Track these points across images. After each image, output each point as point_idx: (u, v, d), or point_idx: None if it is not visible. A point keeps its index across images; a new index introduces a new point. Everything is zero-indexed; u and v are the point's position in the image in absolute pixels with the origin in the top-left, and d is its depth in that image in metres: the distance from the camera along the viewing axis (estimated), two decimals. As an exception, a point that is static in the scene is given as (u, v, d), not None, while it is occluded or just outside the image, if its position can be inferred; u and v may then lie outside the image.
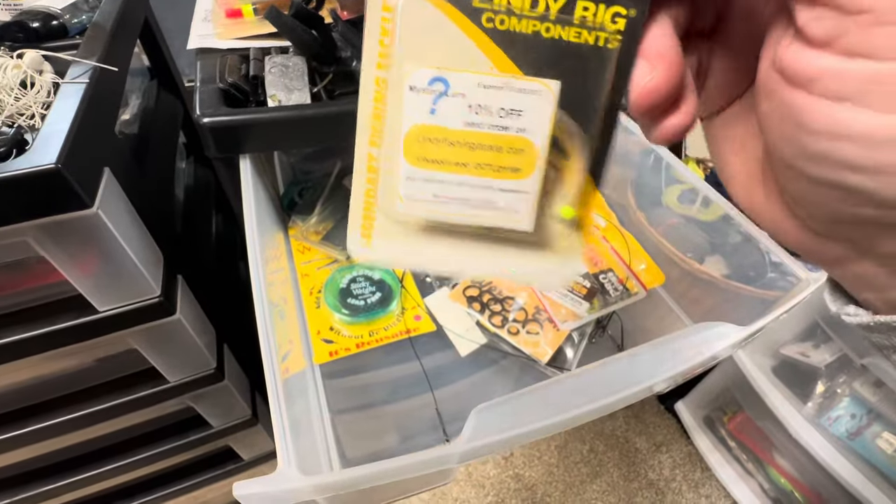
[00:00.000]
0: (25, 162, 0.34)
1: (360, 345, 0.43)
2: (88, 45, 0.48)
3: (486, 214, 0.17)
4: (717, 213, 0.47)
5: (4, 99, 0.42)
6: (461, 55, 0.16)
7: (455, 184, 0.17)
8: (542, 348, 0.42)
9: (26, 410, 0.52)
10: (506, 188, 0.17)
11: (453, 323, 0.45)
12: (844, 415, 0.83)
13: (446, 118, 0.16)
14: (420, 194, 0.17)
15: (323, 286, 0.47)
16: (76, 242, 0.39)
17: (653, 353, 0.30)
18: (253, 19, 0.53)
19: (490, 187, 0.17)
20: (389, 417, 0.41)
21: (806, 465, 0.89)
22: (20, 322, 0.43)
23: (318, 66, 0.48)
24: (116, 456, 0.63)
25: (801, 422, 0.86)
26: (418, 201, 0.17)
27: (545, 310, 0.45)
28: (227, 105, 0.43)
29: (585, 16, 0.15)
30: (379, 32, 0.16)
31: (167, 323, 0.48)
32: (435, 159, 0.17)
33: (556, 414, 0.27)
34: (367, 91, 0.16)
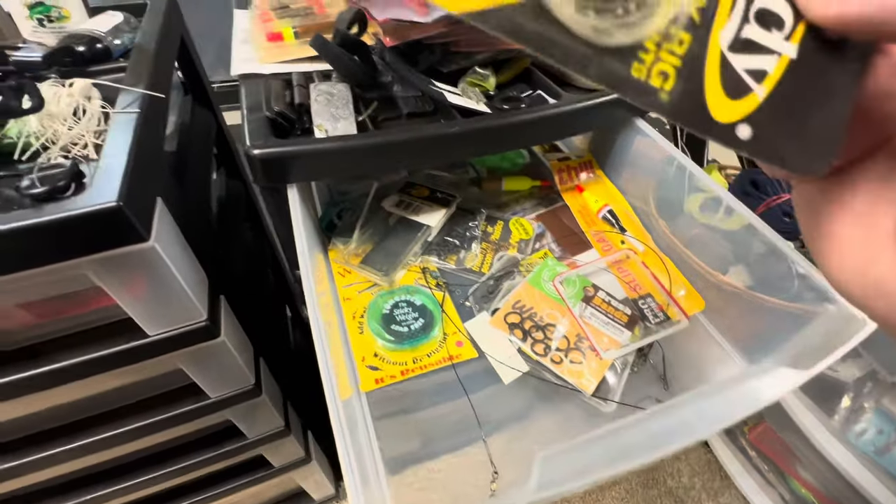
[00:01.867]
0: (87, 200, 0.35)
1: (405, 372, 0.44)
2: (135, 71, 0.49)
3: None
4: (741, 223, 0.47)
5: (59, 129, 0.43)
6: None
7: None
8: (587, 379, 0.42)
9: (76, 425, 0.53)
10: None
11: (495, 350, 0.46)
12: (871, 430, 0.83)
13: None
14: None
15: (365, 311, 0.47)
16: (131, 273, 0.40)
17: (710, 402, 0.31)
18: (294, 42, 0.54)
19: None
20: (429, 473, 0.41)
21: (830, 479, 0.88)
22: (74, 346, 0.45)
23: (362, 92, 0.49)
24: (155, 465, 0.65)
25: (827, 435, 0.86)
26: None
27: (587, 337, 0.45)
28: (274, 133, 0.43)
29: None
30: None
31: (212, 345, 0.49)
32: None
33: (618, 463, 0.27)
34: None
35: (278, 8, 0.58)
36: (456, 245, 0.54)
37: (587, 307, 0.47)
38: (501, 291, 0.50)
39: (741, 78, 0.14)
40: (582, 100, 0.49)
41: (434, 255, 0.53)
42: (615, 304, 0.48)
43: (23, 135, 0.42)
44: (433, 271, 0.52)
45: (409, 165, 0.54)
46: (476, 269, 0.53)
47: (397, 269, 0.50)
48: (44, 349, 0.45)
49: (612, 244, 0.55)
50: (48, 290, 0.40)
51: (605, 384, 0.44)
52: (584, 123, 0.51)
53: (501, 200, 0.61)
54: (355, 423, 0.40)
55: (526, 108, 0.48)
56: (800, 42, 0.14)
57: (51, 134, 0.43)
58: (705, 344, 0.49)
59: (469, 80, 0.50)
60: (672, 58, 0.13)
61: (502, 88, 0.54)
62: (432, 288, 0.50)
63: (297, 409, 0.78)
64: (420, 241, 0.52)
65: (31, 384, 0.44)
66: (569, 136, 0.59)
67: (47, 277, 0.37)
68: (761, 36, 0.14)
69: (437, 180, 0.62)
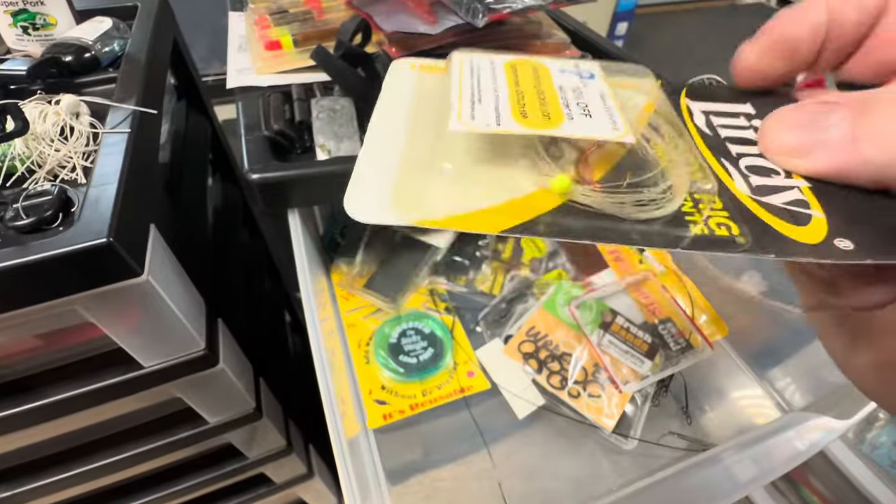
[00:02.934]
0: (75, 235, 0.32)
1: (414, 406, 0.42)
2: (125, 84, 0.46)
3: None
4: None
5: (45, 151, 0.40)
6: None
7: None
8: (607, 414, 0.40)
9: (72, 453, 0.51)
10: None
11: (508, 381, 0.43)
12: (887, 442, 0.81)
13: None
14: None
15: (371, 339, 0.45)
16: (124, 307, 0.38)
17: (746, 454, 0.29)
18: (292, 51, 0.51)
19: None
20: (447, 489, 0.40)
21: (844, 490, 0.87)
22: (66, 378, 0.42)
23: (366, 106, 0.46)
24: (153, 488, 0.63)
25: (840, 446, 0.84)
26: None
27: (605, 368, 0.43)
28: (274, 154, 0.41)
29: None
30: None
31: (211, 373, 0.47)
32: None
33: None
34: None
35: (276, 13, 0.55)
36: (465, 265, 0.52)
37: (605, 334, 0.45)
38: (514, 315, 0.48)
39: (791, 209, 0.14)
40: (599, 114, 0.46)
41: (442, 276, 0.51)
42: (634, 330, 0.46)
43: (7, 157, 0.40)
44: (441, 293, 0.50)
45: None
46: (487, 290, 0.50)
47: (404, 293, 0.48)
48: (34, 382, 0.42)
49: (629, 263, 0.52)
50: (36, 326, 0.38)
51: (625, 418, 0.41)
52: (602, 139, 0.48)
53: (511, 215, 0.59)
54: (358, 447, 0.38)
55: (540, 123, 0.45)
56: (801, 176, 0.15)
57: (37, 156, 0.40)
58: (729, 372, 0.47)
59: (480, 92, 0.47)
60: (719, 213, 0.14)
61: (514, 100, 0.51)
62: (441, 312, 0.48)
63: (298, 424, 0.76)
64: (427, 263, 0.50)
65: (22, 420, 0.42)
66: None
67: (35, 315, 0.35)
68: (769, 181, 0.15)
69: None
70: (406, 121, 0.17)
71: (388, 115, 0.17)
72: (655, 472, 0.31)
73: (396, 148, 0.16)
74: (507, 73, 0.17)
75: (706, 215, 0.14)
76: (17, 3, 0.50)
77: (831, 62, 0.16)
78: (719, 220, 0.14)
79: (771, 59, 0.16)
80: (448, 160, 0.15)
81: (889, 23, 0.14)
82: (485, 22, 0.41)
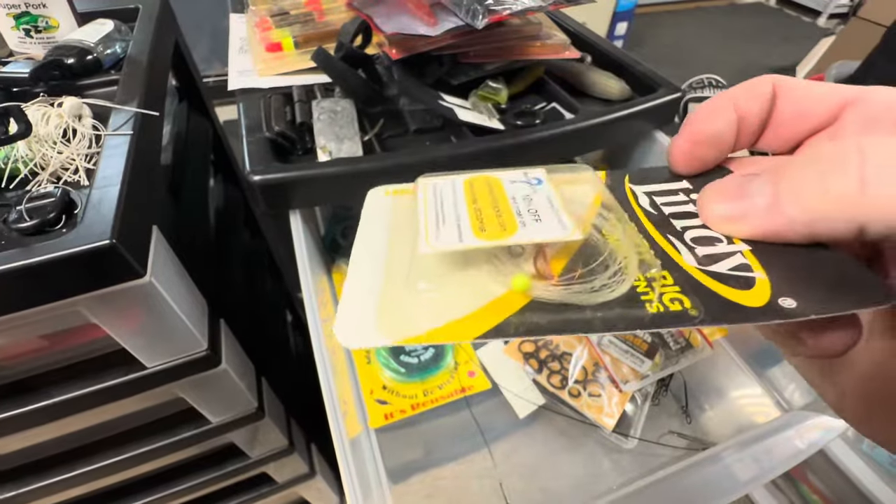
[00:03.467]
0: (78, 237, 0.32)
1: (415, 406, 0.42)
2: (127, 86, 0.46)
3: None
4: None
5: (48, 153, 0.40)
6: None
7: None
8: (607, 414, 0.40)
9: (73, 453, 0.52)
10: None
11: (509, 381, 0.44)
12: (887, 440, 0.81)
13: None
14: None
15: (373, 339, 0.45)
16: (127, 308, 0.38)
17: (747, 453, 0.29)
18: (293, 52, 0.51)
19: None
20: (435, 480, 0.40)
21: (842, 487, 0.87)
22: (68, 379, 0.43)
23: (366, 107, 0.46)
24: (154, 487, 0.63)
25: (840, 444, 0.85)
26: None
27: (606, 368, 0.43)
28: (275, 155, 0.41)
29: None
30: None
31: (213, 373, 0.47)
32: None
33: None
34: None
35: (277, 14, 0.55)
36: (466, 265, 0.52)
37: (605, 334, 0.45)
38: (514, 316, 0.48)
39: (736, 274, 0.15)
40: (600, 114, 0.46)
41: (443, 276, 0.51)
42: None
43: (10, 160, 0.40)
44: (443, 294, 0.50)
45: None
46: (487, 290, 0.51)
47: (406, 293, 0.48)
48: (38, 383, 0.43)
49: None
50: (40, 327, 0.38)
51: (625, 417, 0.42)
52: (603, 139, 0.49)
53: (512, 215, 0.59)
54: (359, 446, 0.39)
55: (541, 123, 0.45)
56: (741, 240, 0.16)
57: (40, 159, 0.40)
58: (729, 371, 0.47)
59: (480, 93, 0.47)
60: (671, 288, 0.15)
61: (514, 100, 0.51)
62: (442, 312, 0.48)
63: (300, 424, 0.76)
64: (429, 263, 0.50)
65: (26, 420, 0.42)
66: (587, 153, 0.56)
67: (39, 316, 0.35)
68: (713, 249, 0.16)
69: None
70: (384, 245, 0.18)
71: (368, 241, 0.19)
72: (656, 470, 0.32)
73: (377, 272, 0.17)
74: (466, 191, 0.18)
75: (659, 293, 0.15)
76: (19, 6, 0.50)
77: (750, 142, 0.18)
78: (672, 296, 0.15)
79: (702, 149, 0.18)
80: (423, 278, 0.16)
81: (783, 105, 0.17)
82: (484, 23, 0.41)
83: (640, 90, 0.51)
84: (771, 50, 2.64)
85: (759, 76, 0.18)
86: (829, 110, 0.16)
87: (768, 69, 2.44)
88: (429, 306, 0.15)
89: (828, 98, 0.17)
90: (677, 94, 0.50)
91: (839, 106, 0.16)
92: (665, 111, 0.50)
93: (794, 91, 0.17)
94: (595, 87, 0.51)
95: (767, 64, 2.49)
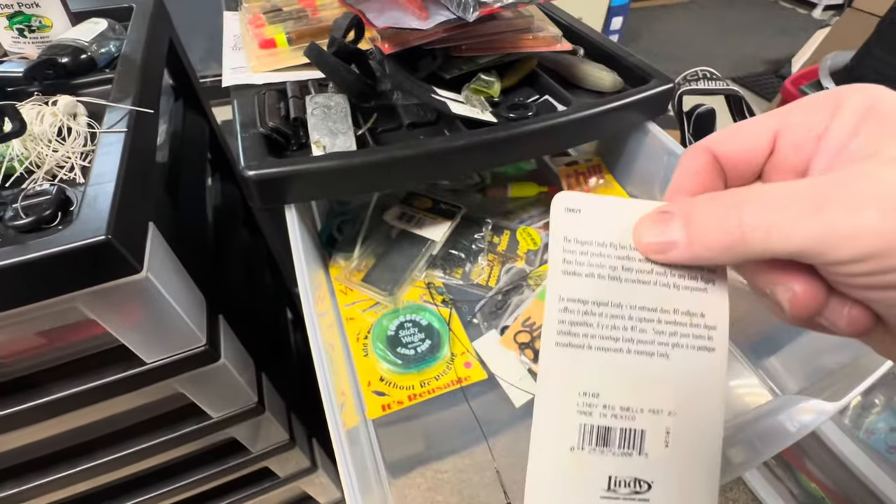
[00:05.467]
0: (74, 233, 0.33)
1: (412, 397, 0.42)
2: (122, 84, 0.46)
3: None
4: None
5: (43, 151, 0.41)
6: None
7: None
8: (601, 402, 0.41)
9: (75, 449, 0.52)
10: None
11: (505, 371, 0.44)
12: (884, 428, 0.82)
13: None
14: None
15: (370, 332, 0.46)
16: (124, 303, 0.38)
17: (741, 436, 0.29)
18: (287, 49, 0.51)
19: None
20: (437, 473, 0.41)
21: (840, 475, 0.88)
22: (68, 375, 0.43)
23: (360, 102, 0.46)
24: (156, 483, 0.64)
25: (837, 432, 0.85)
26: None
27: (600, 357, 0.43)
28: (270, 150, 0.41)
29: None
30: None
31: (212, 368, 0.48)
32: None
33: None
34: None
35: (270, 11, 0.55)
36: (461, 258, 0.52)
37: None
38: (510, 307, 0.49)
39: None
40: (592, 105, 0.47)
41: (439, 269, 0.51)
42: (628, 319, 0.46)
43: (5, 158, 0.40)
44: (438, 287, 0.50)
45: (413, 181, 0.51)
46: (483, 283, 0.51)
47: (401, 286, 0.48)
48: (36, 380, 0.43)
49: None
50: (39, 324, 0.38)
51: (621, 405, 0.42)
52: (596, 131, 0.49)
53: (507, 208, 0.59)
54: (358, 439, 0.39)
55: (533, 116, 0.45)
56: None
57: (35, 157, 0.41)
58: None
59: (473, 87, 0.48)
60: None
61: (507, 94, 0.51)
62: (438, 305, 0.49)
63: (301, 419, 0.77)
64: (424, 257, 0.50)
65: (25, 417, 0.42)
66: (579, 145, 0.56)
67: (35, 313, 0.35)
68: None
69: (439, 188, 0.60)
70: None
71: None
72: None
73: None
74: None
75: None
76: (12, 6, 0.50)
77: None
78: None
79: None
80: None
81: (725, 162, 0.20)
82: (476, 16, 0.41)
83: (632, 82, 0.51)
84: (766, 42, 2.63)
85: (692, 146, 0.20)
86: (767, 144, 0.19)
87: (764, 62, 2.44)
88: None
89: (762, 134, 0.19)
90: (669, 85, 0.50)
91: (769, 142, 0.19)
92: (657, 102, 0.50)
93: (727, 145, 0.20)
94: (587, 79, 0.51)
95: (763, 57, 2.49)
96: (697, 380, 0.19)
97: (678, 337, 0.19)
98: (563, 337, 0.19)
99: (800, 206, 0.15)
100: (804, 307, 0.17)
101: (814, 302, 0.17)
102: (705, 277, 0.20)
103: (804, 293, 0.17)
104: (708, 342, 0.19)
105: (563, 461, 0.19)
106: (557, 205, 0.20)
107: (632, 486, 0.19)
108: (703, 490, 0.19)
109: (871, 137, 0.16)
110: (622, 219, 0.20)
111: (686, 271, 0.19)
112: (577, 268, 0.19)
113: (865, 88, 0.17)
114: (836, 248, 0.14)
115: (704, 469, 0.19)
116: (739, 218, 0.16)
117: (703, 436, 0.19)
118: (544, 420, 0.19)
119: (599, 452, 0.19)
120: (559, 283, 0.19)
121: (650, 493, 0.19)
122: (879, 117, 0.16)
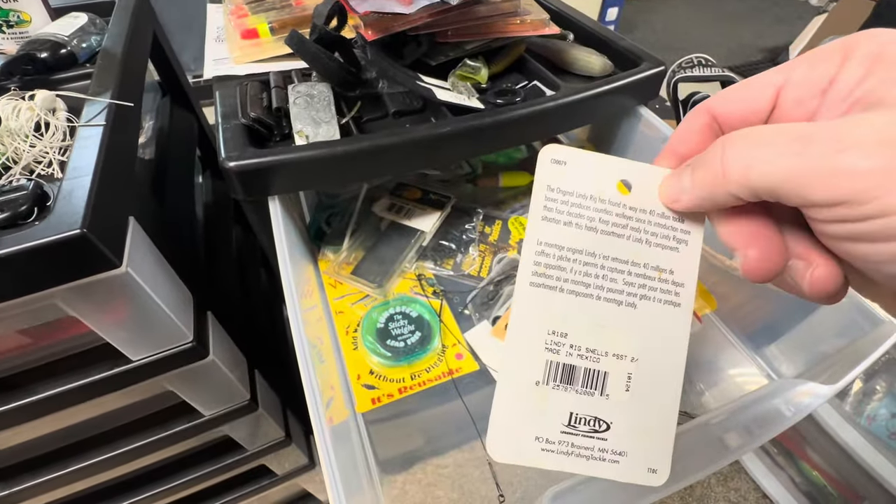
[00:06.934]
0: (48, 228, 0.32)
1: (403, 389, 0.42)
2: (101, 78, 0.46)
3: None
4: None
5: (20, 147, 0.40)
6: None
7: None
8: (595, 391, 0.40)
9: (66, 450, 0.51)
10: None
11: (496, 361, 0.43)
12: (885, 414, 0.81)
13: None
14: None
15: (359, 325, 0.45)
16: (106, 300, 0.37)
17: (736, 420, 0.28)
18: (269, 39, 0.50)
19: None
20: (437, 469, 0.40)
21: (841, 462, 0.87)
22: (53, 374, 0.42)
23: (344, 91, 0.45)
24: (151, 483, 0.63)
25: (838, 419, 0.85)
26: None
27: (594, 345, 0.43)
28: (252, 141, 0.40)
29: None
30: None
31: (201, 365, 0.47)
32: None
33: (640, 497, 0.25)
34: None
35: (253, 1, 0.54)
36: (452, 249, 0.52)
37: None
38: (502, 297, 0.48)
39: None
40: (581, 90, 0.46)
41: (429, 260, 0.51)
42: (622, 307, 0.45)
43: (-19, 155, 0.39)
44: (429, 278, 0.50)
45: (399, 170, 0.50)
46: (474, 273, 0.50)
47: (391, 278, 0.48)
48: (20, 380, 0.42)
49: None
50: (18, 322, 0.38)
51: (615, 394, 0.41)
52: (585, 116, 0.48)
53: (499, 197, 0.58)
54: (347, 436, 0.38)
55: (521, 101, 0.45)
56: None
57: (12, 152, 0.40)
58: (718, 345, 0.47)
59: (459, 73, 0.47)
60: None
61: (495, 80, 0.50)
62: (429, 296, 0.48)
63: (297, 415, 0.76)
64: (414, 248, 0.50)
65: (10, 418, 0.42)
66: (569, 130, 0.56)
67: (14, 310, 0.34)
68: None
69: (429, 178, 0.59)
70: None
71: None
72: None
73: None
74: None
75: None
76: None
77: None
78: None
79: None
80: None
81: (724, 120, 0.20)
82: (459, 0, 0.40)
83: (622, 65, 0.50)
84: (763, 31, 2.61)
85: (694, 108, 0.21)
86: (768, 101, 0.18)
87: (761, 50, 2.42)
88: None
89: (763, 91, 0.19)
90: (660, 68, 0.49)
91: (771, 99, 0.18)
92: (648, 86, 0.49)
93: (726, 105, 0.19)
94: (576, 63, 0.50)
95: (760, 45, 2.47)
96: (662, 331, 0.20)
97: (646, 290, 0.20)
98: (538, 278, 0.20)
99: (783, 144, 0.15)
100: (760, 266, 0.17)
101: (771, 263, 0.17)
102: (678, 238, 0.20)
103: (763, 252, 0.17)
104: (674, 297, 0.20)
105: (528, 394, 0.20)
106: (544, 156, 0.20)
107: (591, 425, 0.20)
108: (659, 438, 0.20)
109: (877, 84, 0.15)
110: (605, 174, 0.20)
111: (660, 229, 0.20)
112: (557, 216, 0.20)
113: (877, 35, 0.16)
114: (812, 189, 0.14)
115: (662, 418, 0.20)
116: (723, 153, 0.17)
117: (663, 386, 0.20)
118: (514, 354, 0.20)
119: (563, 389, 0.20)
120: (538, 228, 0.20)
121: (608, 433, 0.20)
122: (887, 64, 0.15)
